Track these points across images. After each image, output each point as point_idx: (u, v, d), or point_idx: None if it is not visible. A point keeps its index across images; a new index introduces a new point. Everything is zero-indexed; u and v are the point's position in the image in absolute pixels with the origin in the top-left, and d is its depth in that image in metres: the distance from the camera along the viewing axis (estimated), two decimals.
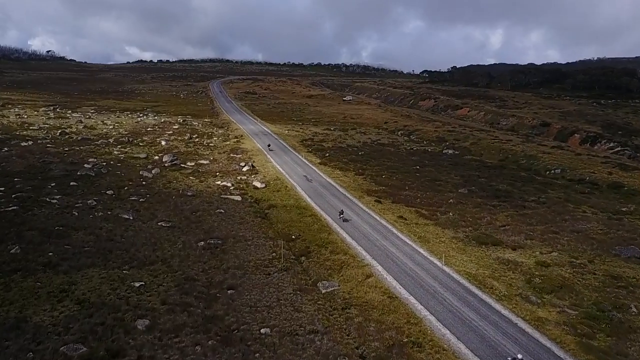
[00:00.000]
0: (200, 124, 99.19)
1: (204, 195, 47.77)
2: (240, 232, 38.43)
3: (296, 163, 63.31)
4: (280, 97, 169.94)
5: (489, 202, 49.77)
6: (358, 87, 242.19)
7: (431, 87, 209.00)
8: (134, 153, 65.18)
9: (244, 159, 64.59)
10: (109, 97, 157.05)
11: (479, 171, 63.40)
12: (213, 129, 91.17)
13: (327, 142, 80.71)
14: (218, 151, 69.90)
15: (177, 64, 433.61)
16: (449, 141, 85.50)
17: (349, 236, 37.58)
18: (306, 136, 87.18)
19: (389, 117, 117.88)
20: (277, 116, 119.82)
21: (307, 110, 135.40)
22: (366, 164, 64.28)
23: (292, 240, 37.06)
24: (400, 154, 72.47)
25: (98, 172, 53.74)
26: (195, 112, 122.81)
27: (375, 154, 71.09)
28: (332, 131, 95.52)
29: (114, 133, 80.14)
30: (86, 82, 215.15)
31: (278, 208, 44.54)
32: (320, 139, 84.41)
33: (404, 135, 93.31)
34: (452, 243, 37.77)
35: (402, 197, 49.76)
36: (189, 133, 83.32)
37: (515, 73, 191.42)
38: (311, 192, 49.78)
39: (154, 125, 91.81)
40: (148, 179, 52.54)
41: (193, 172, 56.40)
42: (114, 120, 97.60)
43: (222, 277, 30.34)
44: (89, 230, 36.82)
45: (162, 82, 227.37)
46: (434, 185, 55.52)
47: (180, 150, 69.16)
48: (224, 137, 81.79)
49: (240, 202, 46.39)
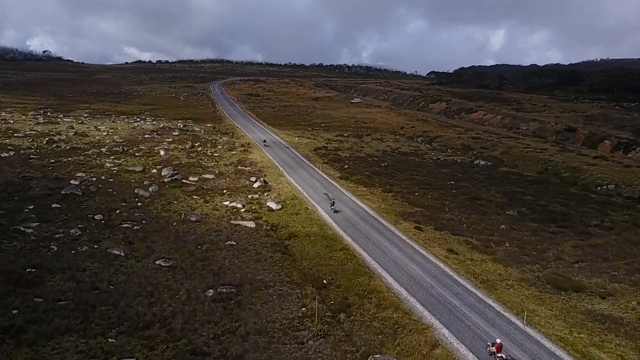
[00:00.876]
0: (203, 129, 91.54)
1: (211, 221, 40.13)
2: (258, 274, 30.80)
3: (313, 177, 55.69)
4: (285, 100, 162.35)
5: (546, 228, 42.20)
6: (363, 89, 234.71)
7: (440, 89, 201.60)
8: (129, 165, 57.50)
9: (254, 172, 56.93)
10: (105, 99, 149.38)
11: (521, 187, 55.85)
12: (217, 136, 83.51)
13: (343, 151, 73.11)
14: (224, 162, 62.23)
15: (177, 64, 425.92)
16: (476, 150, 77.97)
17: (396, 282, 29.94)
18: (319, 144, 79.58)
19: (404, 121, 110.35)
20: (284, 120, 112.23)
21: (314, 113, 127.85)
22: (392, 178, 56.71)
23: (324, 286, 29.42)
24: (428, 166, 64.87)
25: (86, 191, 46.07)
26: (196, 116, 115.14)
27: (400, 166, 63.50)
28: (345, 138, 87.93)
29: (107, 141, 72.43)
30: (82, 83, 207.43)
31: (300, 238, 36.92)
32: (335, 147, 76.82)
33: (425, 143, 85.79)
34: (523, 288, 30.20)
35: (444, 221, 42.17)
36: (191, 141, 75.67)
37: (528, 74, 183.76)
38: (337, 216, 42.13)
39: (152, 132, 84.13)
40: (144, 199, 44.88)
41: (197, 190, 48.74)
42: (109, 125, 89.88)
43: (241, 349, 22.74)
44: (69, 273, 29.25)
45: (161, 84, 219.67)
46: (476, 205, 47.95)
47: (181, 161, 61.49)
48: (229, 146, 74.13)
49: (254, 229, 38.73)
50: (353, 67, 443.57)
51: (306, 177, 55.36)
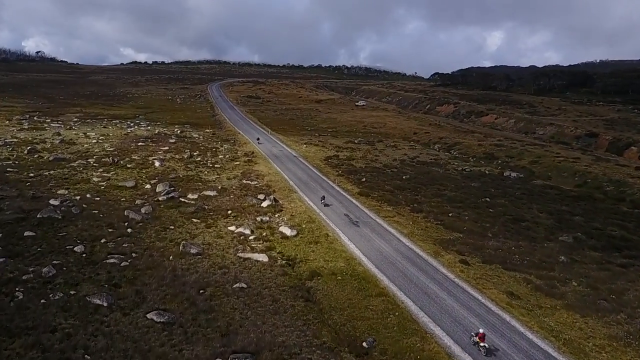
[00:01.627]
0: (201, 136, 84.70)
1: (215, 254, 33.35)
2: (278, 333, 24.07)
3: (329, 193, 48.98)
4: (286, 102, 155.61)
5: (612, 260, 35.68)
6: (366, 91, 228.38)
7: (446, 91, 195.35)
8: (119, 180, 50.62)
9: (262, 188, 50.18)
10: (98, 102, 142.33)
11: (565, 204, 49.30)
12: (217, 144, 76.70)
13: (357, 161, 66.43)
14: (227, 175, 55.43)
15: (173, 65, 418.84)
16: (501, 158, 71.50)
17: (457, 345, 23.27)
18: (329, 152, 72.89)
19: (415, 126, 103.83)
20: (288, 125, 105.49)
21: (319, 117, 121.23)
22: (418, 194, 50.08)
23: (365, 353, 22.75)
24: (454, 178, 58.24)
25: (67, 213, 39.23)
26: (194, 120, 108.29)
27: (424, 179, 56.87)
28: (356, 144, 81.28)
29: (96, 150, 65.49)
30: (75, 84, 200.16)
31: (325, 278, 30.21)
32: (347, 155, 70.14)
33: (444, 150, 79.28)
34: (618, 351, 23.62)
35: (491, 251, 35.56)
36: (189, 149, 68.83)
37: (538, 76, 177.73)
38: (365, 246, 35.46)
39: (146, 139, 77.21)
40: (136, 224, 38.06)
41: (197, 211, 41.92)
42: (99, 131, 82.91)
43: None
44: (33, 336, 22.55)
45: (156, 85, 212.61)
46: (521, 229, 41.37)
47: (178, 174, 54.65)
48: (231, 155, 67.32)
49: (266, 265, 31.98)
50: (352, 68, 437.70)
51: (321, 194, 48.66)
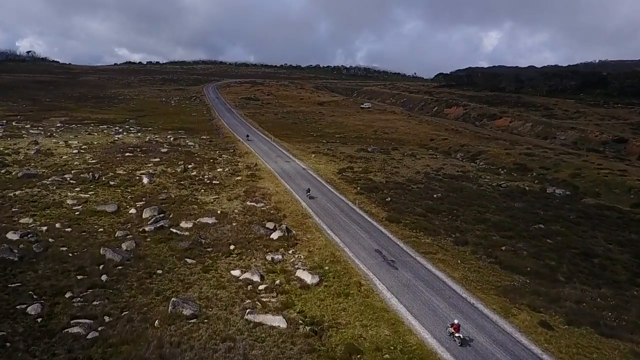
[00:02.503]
0: (197, 144, 76.33)
1: (216, 315, 25.11)
2: None
3: (352, 220, 40.84)
4: (287, 105, 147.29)
5: None
6: (368, 92, 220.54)
7: (452, 92, 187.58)
8: (99, 202, 42.29)
9: (270, 211, 41.93)
10: (87, 104, 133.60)
11: (632, 231, 41.34)
12: (215, 153, 68.35)
13: (375, 174, 58.29)
14: (227, 195, 47.15)
15: (168, 65, 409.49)
16: (535, 170, 63.57)
17: None
18: (341, 163, 64.70)
19: (430, 131, 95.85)
20: (291, 130, 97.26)
21: (323, 121, 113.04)
22: (457, 218, 42.01)
23: None
24: (492, 197, 50.16)
25: (27, 252, 31.00)
26: (189, 125, 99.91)
27: (457, 198, 48.80)
28: (370, 153, 73.14)
29: (76, 162, 57.06)
30: (65, 85, 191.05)
31: (367, 356, 22.01)
32: (363, 167, 61.98)
33: (468, 160, 71.28)
34: None
35: (572, 305, 27.50)
36: (183, 161, 60.48)
37: (550, 76, 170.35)
38: (412, 301, 27.24)
39: (135, 148, 68.76)
40: (113, 268, 29.75)
41: (192, 247, 33.63)
42: (83, 139, 74.41)
43: None
44: None
45: (150, 86, 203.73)
46: (595, 268, 33.36)
47: (170, 194, 46.31)
48: (232, 168, 59.02)
49: (286, 335, 23.69)
50: (351, 69, 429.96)
51: (342, 220, 40.50)
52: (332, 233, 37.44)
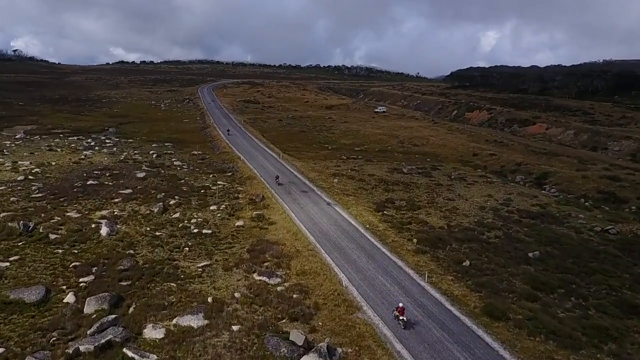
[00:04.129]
0: (186, 162, 60.43)
1: None
2: None
3: (429, 315, 25.02)
4: (291, 109, 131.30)
5: None
6: (376, 93, 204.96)
7: (469, 94, 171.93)
8: (19, 280, 26.44)
9: (291, 297, 26.03)
10: (64, 108, 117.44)
11: None
12: (208, 178, 52.44)
13: (428, 212, 42.44)
14: (223, 259, 31.17)
15: (162, 65, 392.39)
16: (632, 201, 48.03)
17: None
18: (374, 192, 48.92)
19: (467, 142, 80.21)
20: (300, 141, 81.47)
21: (336, 128, 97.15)
22: (585, 303, 26.48)
23: None
24: (607, 254, 34.34)
25: None
26: (178, 134, 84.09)
27: (561, 257, 33.09)
28: (407, 175, 57.36)
29: (12, 199, 41.00)
30: (46, 87, 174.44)
31: None
32: (406, 199, 46.11)
33: (531, 184, 55.62)
34: None
35: None
36: (164, 193, 44.54)
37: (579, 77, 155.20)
38: None
39: (103, 171, 52.78)
40: None
41: None
42: (40, 158, 58.39)
43: None
44: None
45: (140, 88, 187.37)
46: None
47: (136, 258, 30.36)
48: (230, 203, 43.06)
49: None
50: (353, 68, 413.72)
51: (413, 314, 24.69)
52: (407, 354, 21.62)
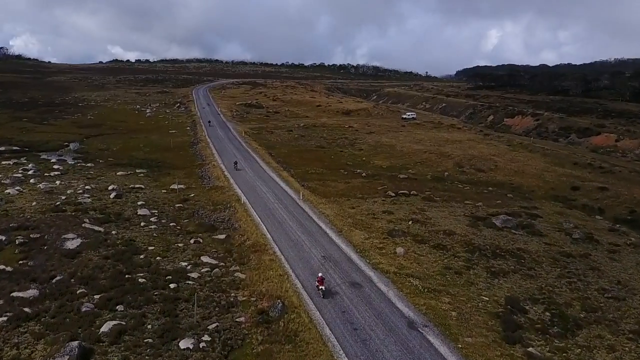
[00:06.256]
0: (156, 211, 39.44)
1: None
2: None
3: None
4: (301, 114, 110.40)
5: None
6: (392, 94, 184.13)
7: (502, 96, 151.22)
8: None
9: None
10: (27, 115, 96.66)
11: None
12: (185, 249, 31.56)
13: (604, 340, 21.93)
14: None
15: (158, 64, 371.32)
16: None
17: None
18: (475, 279, 28.26)
19: (549, 166, 59.53)
20: (320, 163, 60.73)
21: (362, 142, 76.33)
22: None
23: None
24: None
25: None
26: (159, 154, 63.45)
27: None
28: (502, 232, 36.64)
29: None
30: (19, 88, 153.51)
31: None
32: (536, 293, 25.51)
33: None
34: None
35: None
36: (99, 292, 23.66)
37: (632, 77, 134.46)
38: None
39: (13, 232, 31.93)
40: None
41: None
42: None
43: None
44: None
45: (127, 88, 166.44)
46: None
47: None
48: (219, 323, 22.30)
49: None
50: (359, 67, 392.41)
51: None
52: None
